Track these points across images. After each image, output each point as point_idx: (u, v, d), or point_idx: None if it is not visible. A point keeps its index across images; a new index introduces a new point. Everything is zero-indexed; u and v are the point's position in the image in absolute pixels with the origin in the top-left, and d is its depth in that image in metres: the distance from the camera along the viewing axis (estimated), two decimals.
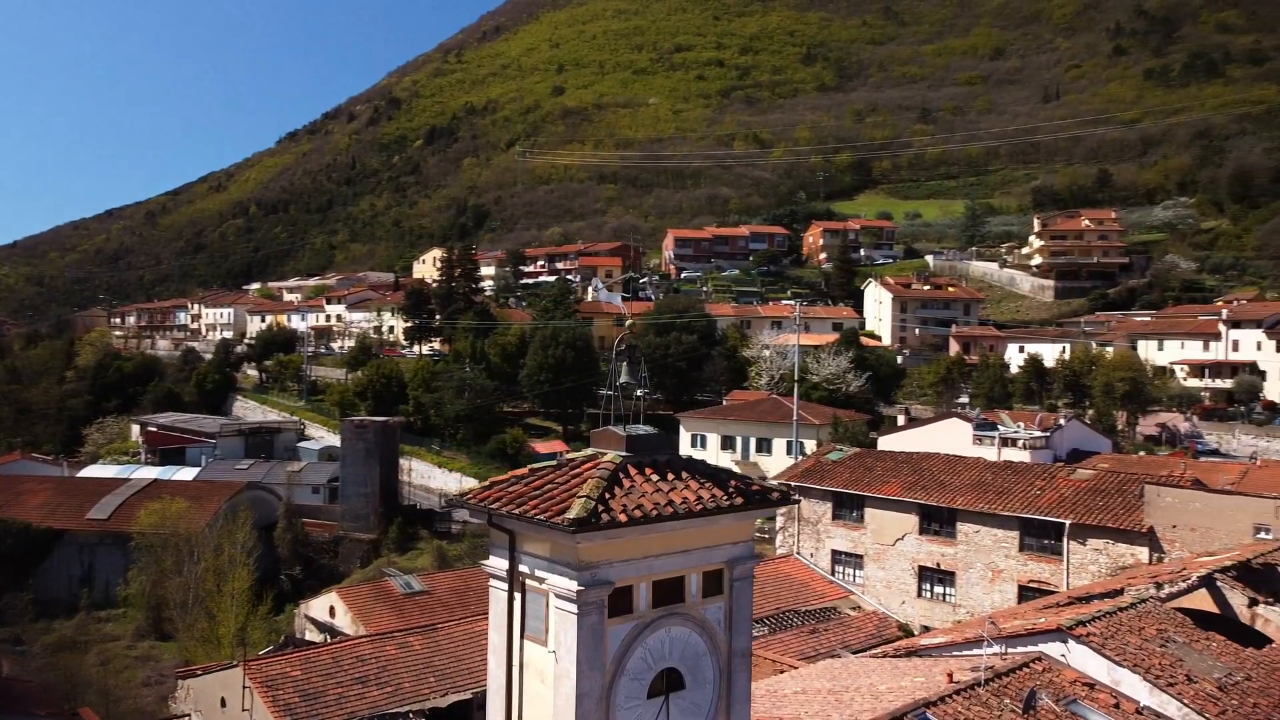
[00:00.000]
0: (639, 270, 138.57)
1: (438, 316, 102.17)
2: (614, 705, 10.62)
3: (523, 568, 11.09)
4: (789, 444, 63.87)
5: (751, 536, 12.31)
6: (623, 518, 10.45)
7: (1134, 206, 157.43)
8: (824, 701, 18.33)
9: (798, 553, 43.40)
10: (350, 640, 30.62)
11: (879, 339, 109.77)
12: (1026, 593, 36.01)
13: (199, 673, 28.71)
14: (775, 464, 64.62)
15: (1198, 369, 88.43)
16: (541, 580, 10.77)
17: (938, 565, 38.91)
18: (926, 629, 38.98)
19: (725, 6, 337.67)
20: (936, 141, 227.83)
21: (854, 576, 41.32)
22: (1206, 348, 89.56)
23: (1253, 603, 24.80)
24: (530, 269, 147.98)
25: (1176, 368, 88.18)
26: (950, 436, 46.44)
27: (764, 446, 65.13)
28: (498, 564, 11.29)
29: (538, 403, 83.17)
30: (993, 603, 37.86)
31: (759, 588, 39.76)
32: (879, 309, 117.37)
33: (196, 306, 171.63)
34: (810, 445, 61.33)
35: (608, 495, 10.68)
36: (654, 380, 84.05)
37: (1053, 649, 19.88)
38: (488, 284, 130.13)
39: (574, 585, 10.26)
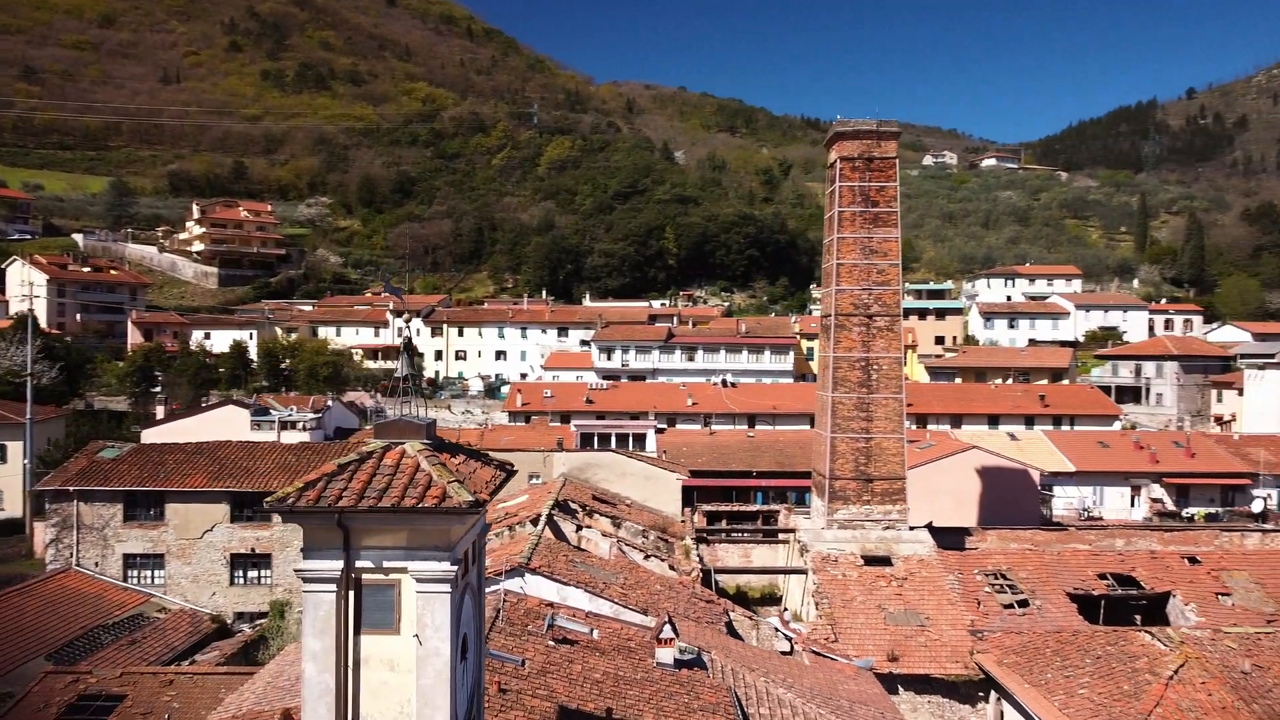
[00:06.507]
0: None
1: None
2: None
3: (364, 563, 11.13)
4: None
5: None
6: (484, 496, 11.69)
7: (273, 201, 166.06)
8: None
9: (78, 565, 39.29)
10: None
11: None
12: None
13: None
14: None
15: (371, 352, 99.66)
16: (389, 571, 11.12)
17: (252, 550, 39.65)
18: (240, 615, 39.57)
19: None
20: (47, 106, 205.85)
21: (154, 578, 39.57)
22: (377, 334, 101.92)
23: (579, 528, 32.79)
24: None
25: (355, 351, 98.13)
26: (227, 424, 46.01)
27: None
28: (325, 566, 10.93)
29: None
30: None
31: (52, 611, 36.07)
32: (30, 290, 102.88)
33: None
34: (15, 448, 53.88)
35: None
36: None
37: (513, 584, 24.21)
38: None
39: (448, 567, 11.09)
